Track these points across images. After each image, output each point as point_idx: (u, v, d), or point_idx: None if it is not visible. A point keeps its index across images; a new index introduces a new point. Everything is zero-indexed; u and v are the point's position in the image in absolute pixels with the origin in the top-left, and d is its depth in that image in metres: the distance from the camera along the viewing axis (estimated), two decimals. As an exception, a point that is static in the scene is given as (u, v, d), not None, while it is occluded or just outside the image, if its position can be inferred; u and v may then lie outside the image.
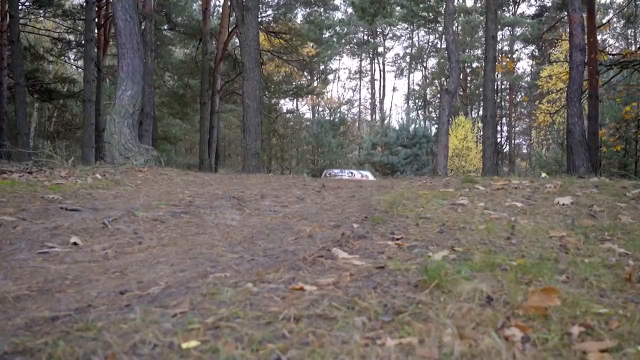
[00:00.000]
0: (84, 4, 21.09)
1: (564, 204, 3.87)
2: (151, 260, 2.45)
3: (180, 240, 2.93)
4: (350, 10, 35.11)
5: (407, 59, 50.65)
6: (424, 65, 49.38)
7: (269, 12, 27.46)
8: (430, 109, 48.02)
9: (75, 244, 2.75)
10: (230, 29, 25.22)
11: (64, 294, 1.91)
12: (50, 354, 1.26)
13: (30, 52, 23.27)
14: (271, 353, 1.29)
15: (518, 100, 42.31)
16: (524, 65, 55.72)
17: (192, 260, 2.44)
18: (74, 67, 31.82)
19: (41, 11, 25.30)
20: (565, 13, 17.95)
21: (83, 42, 21.19)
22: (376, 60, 52.34)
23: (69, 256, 2.53)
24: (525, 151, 44.79)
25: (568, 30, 13.27)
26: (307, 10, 29.63)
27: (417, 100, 49.94)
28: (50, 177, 5.45)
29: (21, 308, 1.76)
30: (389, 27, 47.52)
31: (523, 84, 39.84)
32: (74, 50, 27.77)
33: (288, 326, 1.45)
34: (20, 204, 3.87)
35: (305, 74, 38.85)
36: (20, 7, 20.61)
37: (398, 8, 31.79)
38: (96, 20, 22.02)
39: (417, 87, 50.85)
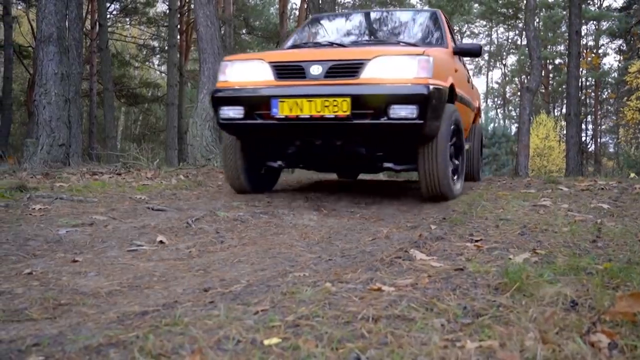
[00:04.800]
0: (167, 12, 21.94)
1: (655, 206, 3.69)
2: (232, 259, 2.53)
3: (259, 240, 3.00)
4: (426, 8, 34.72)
5: (486, 56, 49.39)
6: (503, 62, 47.98)
7: (345, 13, 27.51)
8: (510, 108, 46.64)
9: (161, 242, 2.88)
10: (306, 32, 25.43)
11: (152, 290, 2.01)
12: (141, 347, 1.33)
13: (117, 59, 24.49)
14: (350, 352, 1.30)
15: (604, 97, 40.37)
16: (611, 61, 53.23)
17: (272, 259, 2.50)
18: (158, 72, 33.12)
19: (127, 19, 26.54)
20: (657, 4, 17.05)
21: (166, 48, 22.08)
22: (453, 59, 51.32)
23: (156, 254, 2.64)
24: (612, 150, 42.64)
25: (659, 22, 12.61)
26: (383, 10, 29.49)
27: (496, 99, 48.69)
28: (137, 178, 5.70)
29: (113, 303, 1.86)
30: (466, 25, 46.47)
31: (609, 80, 37.94)
32: (158, 55, 28.98)
33: (367, 326, 1.46)
34: (111, 204, 4.08)
35: (381, 74, 38.61)
36: (108, 16, 21.66)
37: (476, 5, 31.12)
38: (178, 26, 22.82)
39: (496, 85, 49.53)
